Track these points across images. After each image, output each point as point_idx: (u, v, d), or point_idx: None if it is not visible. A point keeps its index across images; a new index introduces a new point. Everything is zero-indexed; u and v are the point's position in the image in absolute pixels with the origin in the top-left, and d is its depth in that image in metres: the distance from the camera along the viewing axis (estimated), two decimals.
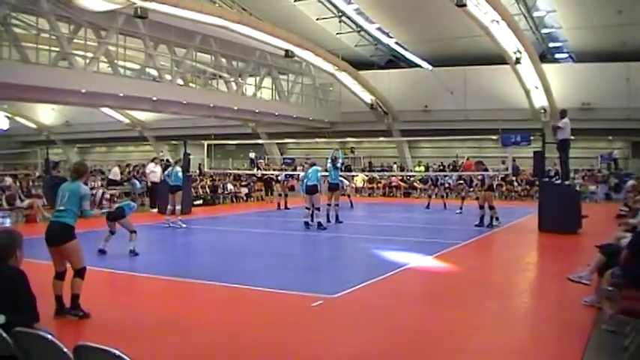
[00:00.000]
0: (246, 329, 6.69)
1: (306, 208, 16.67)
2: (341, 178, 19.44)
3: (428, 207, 22.69)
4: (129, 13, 21.51)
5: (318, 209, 16.51)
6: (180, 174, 16.81)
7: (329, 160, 17.98)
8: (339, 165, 17.72)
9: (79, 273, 6.92)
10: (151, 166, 22.61)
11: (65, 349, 3.24)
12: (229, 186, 27.26)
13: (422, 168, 32.19)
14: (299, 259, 11.99)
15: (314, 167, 16.93)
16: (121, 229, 11.37)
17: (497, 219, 16.76)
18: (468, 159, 27.36)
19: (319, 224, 16.09)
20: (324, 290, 8.16)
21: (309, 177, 16.62)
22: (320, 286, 8.73)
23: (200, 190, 25.30)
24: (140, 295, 8.59)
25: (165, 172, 17.79)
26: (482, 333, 6.57)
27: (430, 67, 34.86)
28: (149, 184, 22.49)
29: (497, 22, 24.34)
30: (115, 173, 24.79)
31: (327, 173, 17.69)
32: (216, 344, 6.10)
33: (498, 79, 31.02)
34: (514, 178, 28.45)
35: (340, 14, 32.54)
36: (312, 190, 16.49)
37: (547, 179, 17.93)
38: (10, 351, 3.49)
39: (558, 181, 16.69)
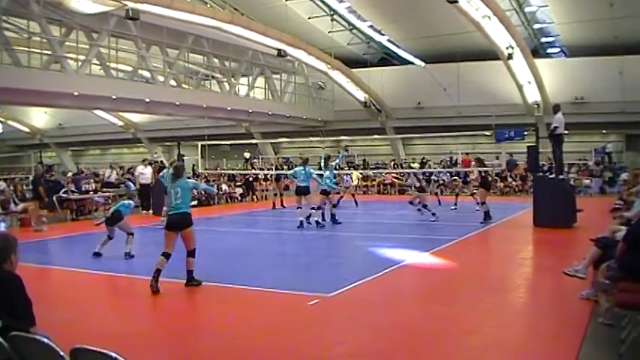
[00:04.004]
0: (243, 329, 6.68)
1: (298, 207, 16.69)
2: (346, 177, 19.55)
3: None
4: (120, 14, 21.48)
5: (314, 208, 16.58)
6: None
7: (322, 160, 18.11)
8: (332, 164, 17.78)
9: (192, 253, 8.72)
10: (139, 168, 22.45)
11: (62, 353, 3.23)
12: (224, 186, 27.24)
13: (416, 165, 32.19)
14: (295, 258, 11.99)
15: (305, 168, 16.69)
16: (119, 234, 11.38)
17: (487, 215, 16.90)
18: (467, 154, 27.46)
19: (317, 222, 16.14)
20: (321, 289, 8.16)
21: (299, 178, 16.59)
22: (316, 284, 8.72)
23: (195, 191, 25.21)
24: (137, 298, 8.57)
25: (161, 174, 17.75)
26: (480, 329, 6.58)
27: (423, 64, 34.83)
28: (137, 185, 22.40)
29: (489, 17, 24.39)
30: (111, 175, 24.78)
31: (321, 172, 17.73)
32: (213, 345, 6.09)
33: (491, 75, 31.05)
34: (508, 174, 28.49)
35: (332, 13, 32.57)
36: (303, 191, 16.49)
37: (541, 174, 17.96)
38: (6, 355, 3.48)
39: (552, 176, 16.73)
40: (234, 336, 6.45)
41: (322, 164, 17.97)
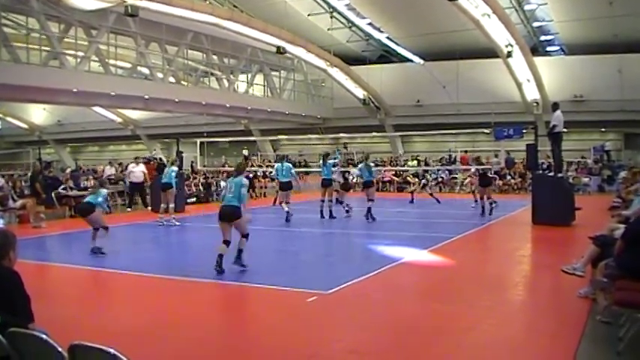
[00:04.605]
0: (241, 326, 6.69)
1: (286, 202, 17.22)
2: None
3: (412, 201, 22.68)
4: (119, 11, 21.45)
5: (288, 203, 17.27)
6: (173, 173, 16.85)
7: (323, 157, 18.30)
8: (330, 162, 17.90)
9: (246, 236, 9.64)
10: (130, 166, 22.38)
11: (60, 349, 3.23)
12: (222, 183, 27.16)
13: (415, 162, 32.26)
14: (293, 255, 11.99)
15: (283, 164, 17.41)
16: (115, 228, 11.35)
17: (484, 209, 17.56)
18: (466, 152, 27.46)
19: (287, 214, 16.77)
20: (319, 286, 8.16)
21: (280, 174, 17.10)
22: (315, 281, 8.72)
23: (193, 188, 25.25)
24: (135, 294, 8.57)
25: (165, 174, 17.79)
26: (479, 326, 6.58)
27: (422, 62, 34.85)
28: (127, 183, 22.48)
29: (489, 15, 24.39)
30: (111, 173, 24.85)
31: (319, 169, 18.01)
32: (211, 342, 6.09)
33: (490, 73, 31.07)
34: (507, 172, 28.50)
35: (331, 10, 32.56)
36: (285, 187, 17.19)
37: (540, 172, 17.98)
38: (5, 352, 3.48)
39: (551, 174, 16.75)
40: (233, 332, 6.46)
41: (321, 161, 18.14)
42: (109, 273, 9.84)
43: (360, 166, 17.83)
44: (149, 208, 20.86)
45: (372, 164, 18.70)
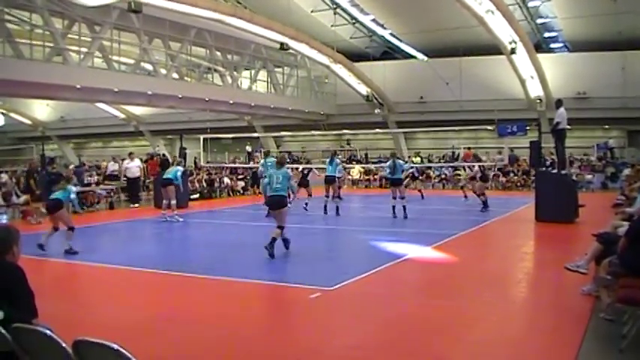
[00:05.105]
0: (244, 322, 6.69)
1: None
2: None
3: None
4: (123, 7, 21.43)
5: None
6: (179, 173, 16.90)
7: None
8: (337, 160, 18.05)
9: (281, 228, 10.59)
10: (125, 162, 22.40)
11: (64, 344, 3.23)
12: (226, 179, 27.23)
13: (417, 159, 32.24)
14: (296, 252, 11.96)
15: (271, 159, 17.55)
16: (117, 225, 11.35)
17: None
18: (470, 149, 27.43)
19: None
20: (322, 282, 8.16)
21: (267, 169, 17.02)
22: (318, 278, 8.70)
23: (197, 184, 25.26)
24: (138, 290, 8.58)
25: (173, 172, 17.85)
26: (481, 323, 6.59)
27: (425, 58, 34.82)
28: (122, 179, 22.48)
29: (492, 12, 24.34)
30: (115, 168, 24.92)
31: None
32: (214, 337, 6.10)
33: (494, 70, 31.01)
34: (510, 169, 28.46)
35: (335, 6, 32.52)
36: None
37: (544, 169, 17.97)
38: (9, 347, 3.48)
39: (554, 171, 16.73)
40: (235, 328, 6.46)
41: (328, 159, 18.32)
42: (111, 269, 9.85)
43: (388, 163, 17.81)
44: (136, 205, 21.00)
45: (402, 161, 18.74)
